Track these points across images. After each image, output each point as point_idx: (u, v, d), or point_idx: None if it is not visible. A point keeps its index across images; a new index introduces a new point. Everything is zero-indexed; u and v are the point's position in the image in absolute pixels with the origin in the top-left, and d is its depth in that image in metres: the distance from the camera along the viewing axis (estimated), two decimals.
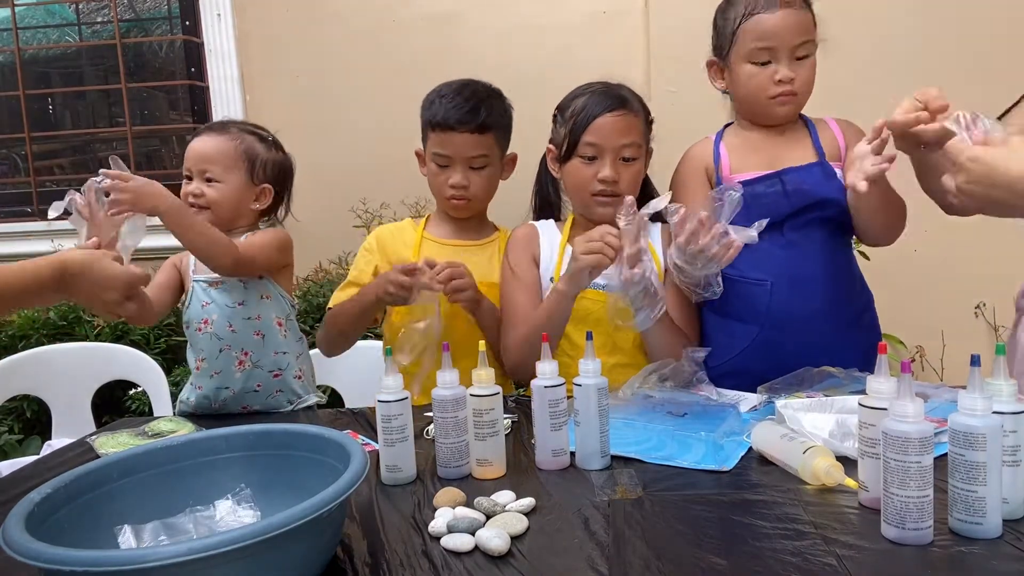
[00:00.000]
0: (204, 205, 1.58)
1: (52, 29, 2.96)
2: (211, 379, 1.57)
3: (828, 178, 1.47)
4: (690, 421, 1.25)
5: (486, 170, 1.64)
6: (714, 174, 1.53)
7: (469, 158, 1.61)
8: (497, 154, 1.65)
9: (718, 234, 1.25)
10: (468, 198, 1.64)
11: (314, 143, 2.56)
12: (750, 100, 1.50)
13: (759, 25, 1.43)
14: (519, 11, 2.56)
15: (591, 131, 1.49)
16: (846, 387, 1.32)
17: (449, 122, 1.58)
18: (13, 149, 2.94)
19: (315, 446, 0.97)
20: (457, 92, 1.61)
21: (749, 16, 1.44)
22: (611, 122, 1.49)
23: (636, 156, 1.51)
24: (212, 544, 0.70)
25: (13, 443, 2.28)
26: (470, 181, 1.62)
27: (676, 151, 1.61)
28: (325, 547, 0.85)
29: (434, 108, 1.61)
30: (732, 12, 1.47)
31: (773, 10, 1.42)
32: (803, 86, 1.46)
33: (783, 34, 1.42)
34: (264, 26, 2.68)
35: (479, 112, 1.58)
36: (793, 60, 1.44)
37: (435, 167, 1.64)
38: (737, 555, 0.84)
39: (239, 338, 1.57)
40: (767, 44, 1.43)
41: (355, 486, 0.82)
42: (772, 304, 1.45)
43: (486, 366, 1.13)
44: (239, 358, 1.57)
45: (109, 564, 0.69)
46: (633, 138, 1.50)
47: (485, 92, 1.64)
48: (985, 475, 0.83)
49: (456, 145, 1.59)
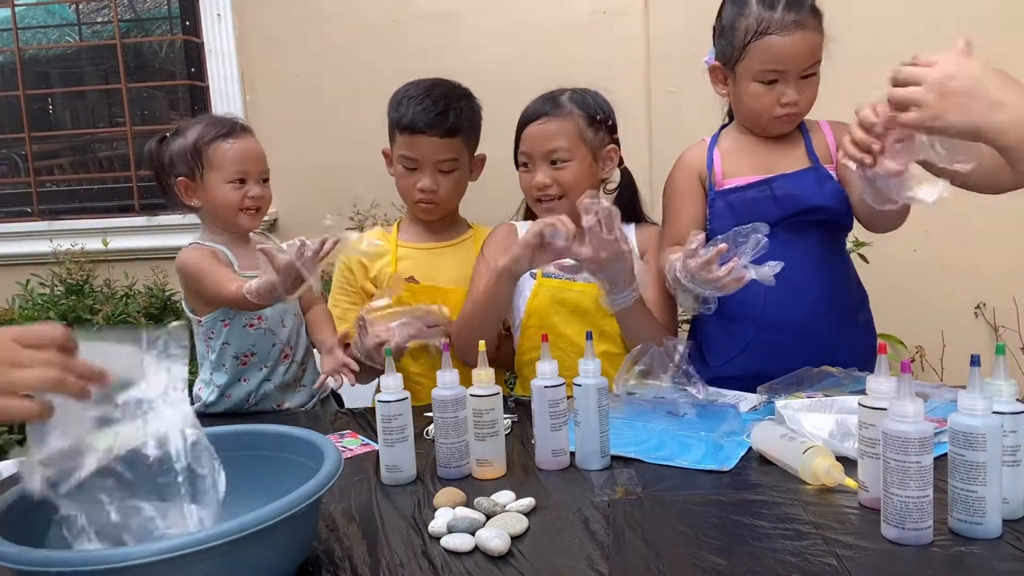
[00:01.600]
0: (261, 207, 1.59)
1: (52, 29, 2.96)
2: (259, 372, 1.57)
3: (821, 183, 1.46)
4: (690, 421, 1.25)
5: (455, 173, 1.63)
6: (707, 179, 1.53)
7: (438, 161, 1.60)
8: (466, 156, 1.64)
9: (733, 268, 1.25)
10: (437, 202, 1.63)
11: (314, 143, 2.56)
12: (752, 116, 1.49)
13: (771, 47, 1.38)
14: (519, 11, 2.55)
15: (523, 141, 1.56)
16: (846, 387, 1.33)
17: (418, 125, 1.56)
18: (13, 149, 2.93)
19: (283, 445, 0.98)
20: (426, 94, 1.58)
21: (761, 35, 1.38)
22: (537, 130, 1.53)
23: (568, 158, 1.52)
24: (184, 544, 0.70)
25: (13, 443, 2.28)
26: (439, 184, 1.61)
27: (676, 150, 1.61)
28: (299, 547, 0.86)
29: (402, 109, 1.58)
30: (743, 23, 1.41)
31: (787, 33, 1.37)
32: (806, 104, 1.46)
33: (794, 58, 1.38)
34: (264, 26, 2.67)
35: (448, 115, 1.56)
36: (799, 80, 1.42)
37: (403, 169, 1.62)
38: (737, 555, 0.84)
39: (289, 333, 1.60)
40: (778, 67, 1.39)
41: (328, 485, 0.82)
42: (767, 306, 1.45)
43: (486, 366, 1.13)
44: (285, 351, 1.59)
45: (80, 564, 0.70)
46: (559, 142, 1.51)
47: (455, 94, 1.62)
48: (985, 475, 0.83)
49: (425, 148, 1.58)
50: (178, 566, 0.71)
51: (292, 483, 0.81)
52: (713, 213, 1.51)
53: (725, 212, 1.48)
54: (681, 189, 1.56)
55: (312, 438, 0.95)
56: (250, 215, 1.57)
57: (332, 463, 0.86)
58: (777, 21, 1.37)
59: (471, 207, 1.80)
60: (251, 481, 0.97)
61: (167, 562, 0.69)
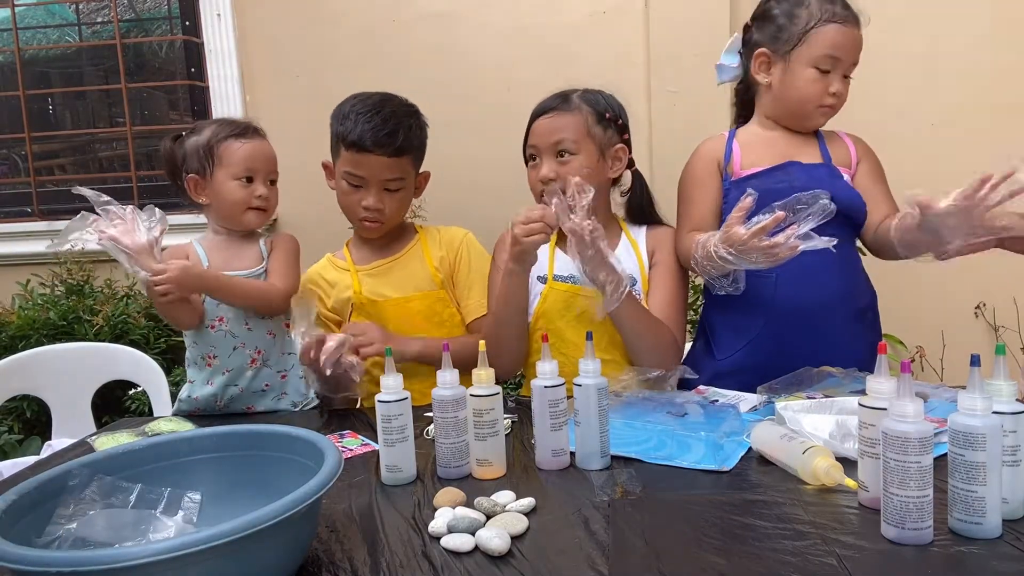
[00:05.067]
0: (268, 207, 1.61)
1: (52, 29, 2.96)
2: (222, 376, 1.56)
3: (833, 178, 1.50)
4: (690, 421, 1.25)
5: (400, 192, 1.61)
6: (724, 169, 1.54)
7: (384, 180, 1.58)
8: (412, 175, 1.63)
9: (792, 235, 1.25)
10: (382, 220, 1.61)
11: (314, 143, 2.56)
12: (798, 102, 1.51)
13: (836, 34, 1.45)
14: (519, 11, 2.55)
15: (531, 135, 1.56)
16: (845, 387, 1.33)
17: (365, 144, 1.53)
18: (13, 149, 2.94)
19: (284, 446, 0.98)
20: (375, 111, 1.55)
21: (827, 22, 1.45)
22: (544, 124, 1.53)
23: (573, 151, 1.52)
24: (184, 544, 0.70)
25: (13, 443, 2.28)
26: (384, 203, 1.59)
27: (676, 150, 1.62)
28: (299, 548, 0.86)
29: (348, 125, 1.55)
30: (803, 11, 1.47)
31: (849, 24, 1.46)
32: (842, 103, 1.51)
33: (851, 50, 1.47)
34: (264, 26, 2.68)
35: (397, 135, 1.54)
36: (843, 77, 1.48)
37: (346, 186, 1.60)
38: (737, 555, 0.84)
39: (254, 337, 1.57)
40: (837, 55, 1.46)
41: (328, 485, 0.82)
42: (777, 296, 1.46)
43: (486, 366, 1.13)
44: (252, 356, 1.57)
45: (80, 564, 0.69)
46: (564, 135, 1.51)
47: (403, 112, 1.60)
48: (985, 475, 0.83)
49: (371, 167, 1.56)
50: (178, 566, 0.71)
51: (292, 483, 0.81)
52: (728, 203, 1.52)
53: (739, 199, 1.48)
54: (701, 176, 1.57)
55: (312, 438, 0.95)
56: (256, 214, 1.59)
57: (332, 463, 0.86)
58: (840, 13, 1.46)
59: (471, 210, 1.80)
60: (251, 481, 0.97)
61: (167, 562, 0.69)
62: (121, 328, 2.38)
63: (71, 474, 0.91)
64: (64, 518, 0.87)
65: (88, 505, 0.89)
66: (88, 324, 2.37)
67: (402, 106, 1.62)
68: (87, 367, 2.01)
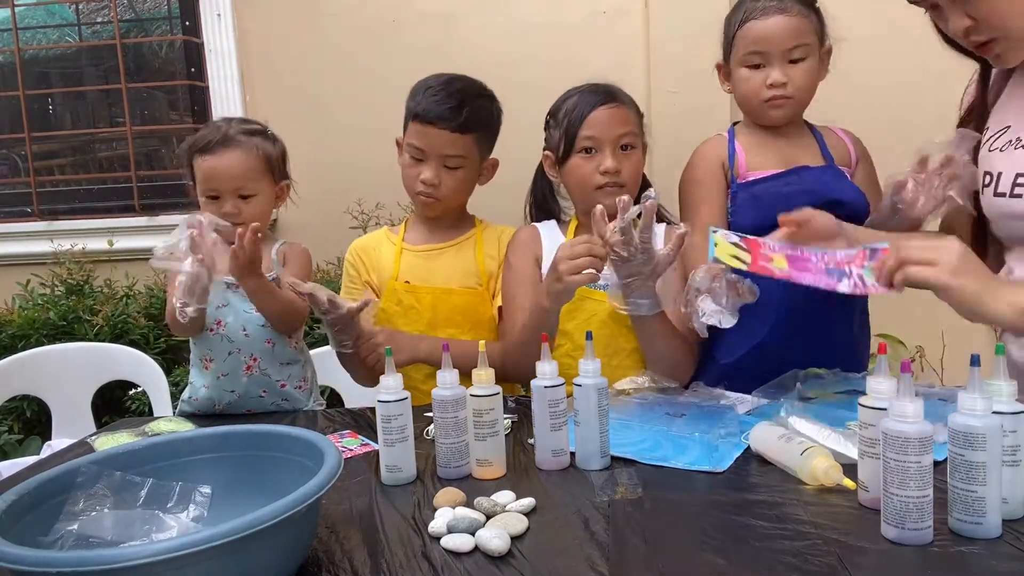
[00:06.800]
0: (242, 222, 1.52)
1: (52, 29, 2.96)
2: (218, 380, 1.56)
3: (839, 179, 1.50)
4: (687, 422, 1.24)
5: (461, 171, 1.59)
6: (729, 170, 1.54)
7: (444, 156, 1.56)
8: (476, 156, 1.61)
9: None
10: (437, 197, 1.59)
11: (314, 143, 2.56)
12: (746, 103, 1.53)
13: (752, 31, 1.47)
14: (519, 11, 2.55)
15: (587, 125, 1.49)
16: (831, 387, 1.34)
17: (428, 116, 1.54)
18: (13, 149, 2.93)
19: (284, 446, 0.98)
20: (444, 86, 1.56)
21: (744, 22, 1.48)
22: (606, 114, 1.50)
23: (634, 145, 1.51)
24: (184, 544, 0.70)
25: (13, 443, 2.28)
26: (441, 180, 1.58)
27: (676, 151, 1.61)
28: (299, 548, 0.86)
29: (418, 98, 1.57)
30: (734, 17, 1.51)
31: (766, 16, 1.46)
32: (798, 90, 1.48)
33: (774, 39, 1.46)
34: (264, 26, 2.68)
35: (461, 111, 1.54)
36: (787, 64, 1.47)
37: (409, 159, 1.60)
38: (737, 555, 0.84)
39: (250, 343, 1.56)
40: (758, 49, 1.47)
41: (328, 485, 0.83)
42: (785, 297, 1.46)
43: (486, 366, 1.13)
44: (247, 363, 1.56)
45: (80, 564, 0.70)
46: (629, 127, 1.51)
47: (474, 91, 1.60)
48: (985, 475, 0.83)
49: (432, 140, 1.55)
50: (178, 566, 0.71)
51: (292, 483, 0.81)
52: (736, 206, 1.51)
53: (748, 204, 1.48)
54: (705, 179, 1.54)
55: (312, 438, 0.95)
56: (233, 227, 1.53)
57: (332, 463, 0.86)
58: (758, 8, 1.47)
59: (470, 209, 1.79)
60: (251, 481, 0.97)
61: (167, 562, 0.69)
62: (121, 328, 2.38)
63: (78, 471, 0.91)
64: (73, 515, 0.87)
65: (99, 500, 0.89)
66: (88, 324, 2.37)
67: (474, 85, 1.62)
68: (87, 367, 2.01)
